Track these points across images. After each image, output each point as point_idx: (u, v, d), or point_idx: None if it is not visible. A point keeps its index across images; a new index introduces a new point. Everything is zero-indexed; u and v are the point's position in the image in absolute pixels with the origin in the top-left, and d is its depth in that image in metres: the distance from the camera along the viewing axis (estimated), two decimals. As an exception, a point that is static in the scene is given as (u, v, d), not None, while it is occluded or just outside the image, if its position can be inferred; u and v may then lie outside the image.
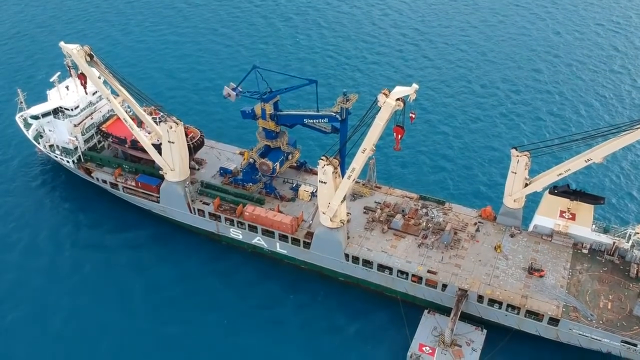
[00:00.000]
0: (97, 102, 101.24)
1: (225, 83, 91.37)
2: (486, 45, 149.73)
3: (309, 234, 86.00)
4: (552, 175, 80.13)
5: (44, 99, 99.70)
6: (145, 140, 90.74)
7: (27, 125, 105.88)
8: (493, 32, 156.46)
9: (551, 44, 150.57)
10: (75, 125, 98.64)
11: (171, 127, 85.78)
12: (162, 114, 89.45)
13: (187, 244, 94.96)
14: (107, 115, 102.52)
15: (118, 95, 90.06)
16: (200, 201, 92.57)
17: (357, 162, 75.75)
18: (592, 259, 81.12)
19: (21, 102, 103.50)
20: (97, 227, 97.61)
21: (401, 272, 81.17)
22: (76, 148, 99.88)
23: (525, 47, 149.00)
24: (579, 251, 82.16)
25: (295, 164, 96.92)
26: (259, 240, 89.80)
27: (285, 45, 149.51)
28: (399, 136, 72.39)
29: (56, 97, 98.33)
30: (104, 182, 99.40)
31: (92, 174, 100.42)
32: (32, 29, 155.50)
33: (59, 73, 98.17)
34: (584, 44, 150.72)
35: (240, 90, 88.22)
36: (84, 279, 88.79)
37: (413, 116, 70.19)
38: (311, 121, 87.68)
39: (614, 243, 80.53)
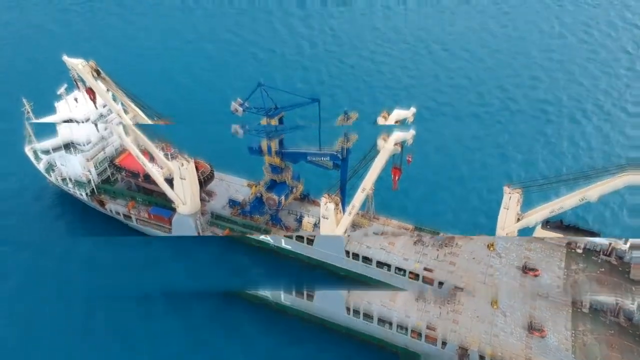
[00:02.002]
0: (109, 114, 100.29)
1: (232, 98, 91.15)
2: (490, 61, 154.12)
3: None
4: (544, 212, 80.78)
5: (51, 109, 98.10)
6: (157, 176, 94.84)
7: (38, 158, 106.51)
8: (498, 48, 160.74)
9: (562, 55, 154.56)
10: (87, 160, 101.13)
11: (182, 165, 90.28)
12: (173, 150, 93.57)
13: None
14: (120, 149, 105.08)
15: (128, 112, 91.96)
16: (211, 232, 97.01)
17: (357, 200, 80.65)
18: (587, 259, 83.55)
19: (28, 112, 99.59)
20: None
21: (399, 269, 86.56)
22: (89, 181, 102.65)
23: (532, 66, 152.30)
24: (573, 251, 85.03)
25: (299, 196, 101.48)
26: (265, 236, 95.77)
27: (293, 54, 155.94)
28: (397, 177, 77.01)
29: (65, 109, 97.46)
30: (117, 213, 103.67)
31: (105, 206, 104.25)
32: (39, 38, 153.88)
33: (65, 85, 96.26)
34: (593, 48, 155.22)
35: (247, 106, 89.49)
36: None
37: (410, 159, 74.58)
38: (314, 158, 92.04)
39: (610, 244, 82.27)
